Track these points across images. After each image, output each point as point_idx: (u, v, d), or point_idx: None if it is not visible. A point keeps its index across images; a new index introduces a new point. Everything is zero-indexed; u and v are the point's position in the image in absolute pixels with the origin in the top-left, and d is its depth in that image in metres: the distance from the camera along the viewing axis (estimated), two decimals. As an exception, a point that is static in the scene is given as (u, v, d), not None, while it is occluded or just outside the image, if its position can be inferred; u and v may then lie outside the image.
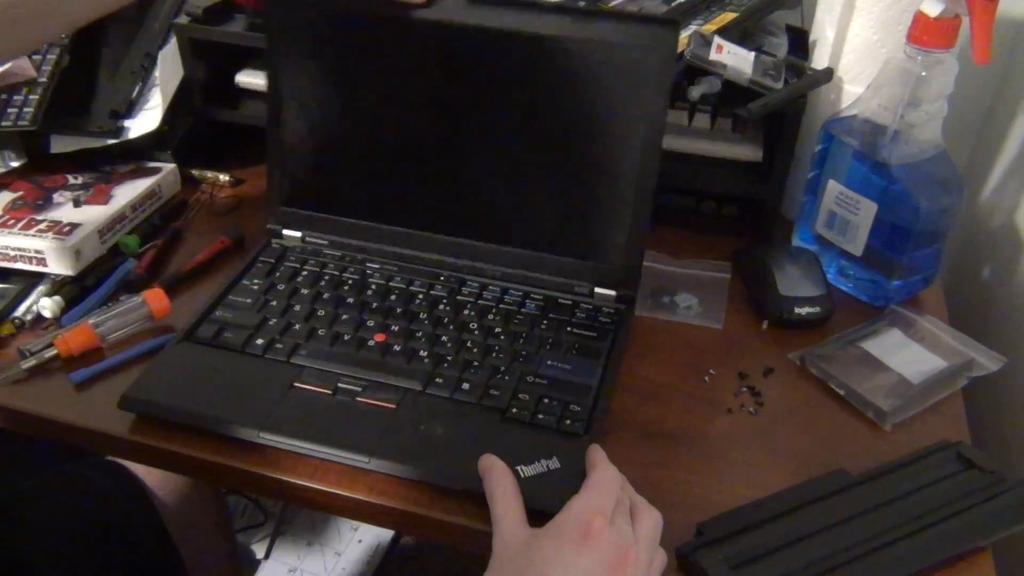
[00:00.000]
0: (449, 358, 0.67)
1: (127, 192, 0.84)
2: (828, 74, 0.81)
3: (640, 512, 0.53)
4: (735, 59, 0.76)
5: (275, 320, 0.71)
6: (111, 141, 0.87)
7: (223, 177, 0.93)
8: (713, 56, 0.75)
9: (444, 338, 0.69)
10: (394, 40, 0.75)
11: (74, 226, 0.78)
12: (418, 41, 0.74)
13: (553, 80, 0.72)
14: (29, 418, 0.65)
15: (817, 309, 0.75)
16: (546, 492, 0.57)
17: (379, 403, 0.63)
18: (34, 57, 0.86)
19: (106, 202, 0.83)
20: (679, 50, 0.72)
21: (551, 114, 0.73)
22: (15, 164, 0.86)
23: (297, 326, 0.70)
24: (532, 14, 0.71)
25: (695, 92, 0.77)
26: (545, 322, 0.71)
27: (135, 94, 0.89)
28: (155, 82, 0.90)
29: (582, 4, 0.81)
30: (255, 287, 0.74)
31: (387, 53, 0.75)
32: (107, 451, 0.67)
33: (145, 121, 0.88)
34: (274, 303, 0.72)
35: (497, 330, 0.70)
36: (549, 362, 0.67)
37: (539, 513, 0.57)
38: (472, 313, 0.72)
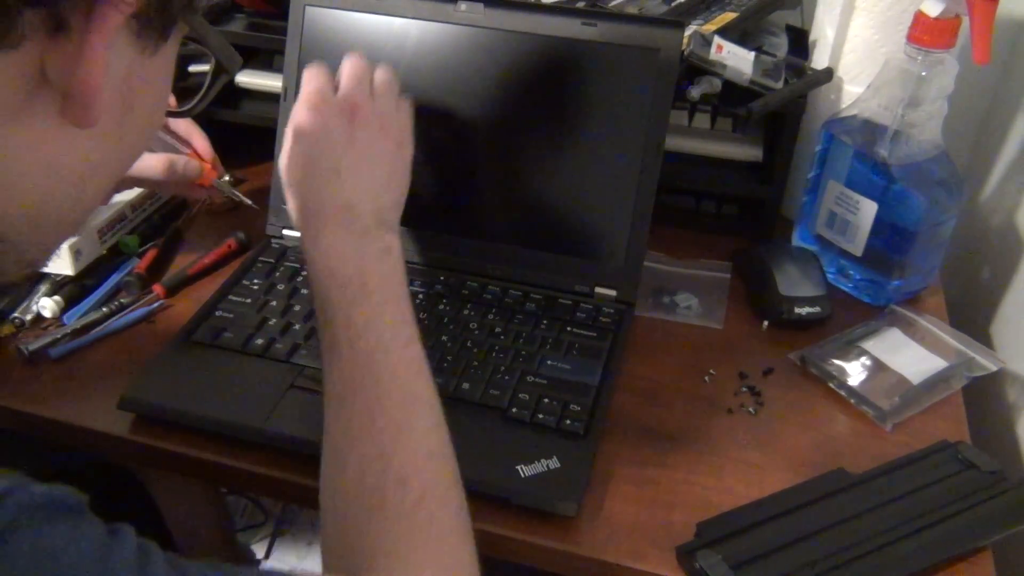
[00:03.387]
0: (449, 358, 0.67)
1: (127, 192, 0.84)
2: (828, 74, 0.81)
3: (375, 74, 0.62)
4: (735, 59, 0.76)
5: (275, 320, 0.71)
6: (111, 141, 0.87)
7: (224, 177, 0.93)
8: (713, 56, 0.75)
9: (444, 337, 0.69)
10: (402, 41, 0.75)
11: (74, 226, 0.78)
12: (426, 42, 0.74)
13: (557, 80, 0.73)
14: (29, 418, 0.65)
15: (817, 309, 0.75)
16: (546, 492, 0.57)
17: (379, 403, 0.63)
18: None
19: (106, 202, 0.82)
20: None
21: (554, 113, 0.73)
22: (15, 164, 0.86)
23: (297, 326, 0.70)
24: (541, 16, 0.72)
25: (695, 92, 0.77)
26: (545, 321, 0.71)
27: (135, 94, 0.89)
28: (155, 82, 0.90)
29: (582, 4, 0.82)
30: (255, 287, 0.74)
31: (394, 53, 0.75)
32: (107, 451, 0.67)
33: (145, 121, 0.88)
34: (274, 303, 0.72)
35: (497, 329, 0.70)
36: (549, 362, 0.67)
37: (539, 513, 0.57)
38: (472, 312, 0.72)
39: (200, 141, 0.78)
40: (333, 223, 0.56)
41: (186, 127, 0.77)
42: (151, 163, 0.74)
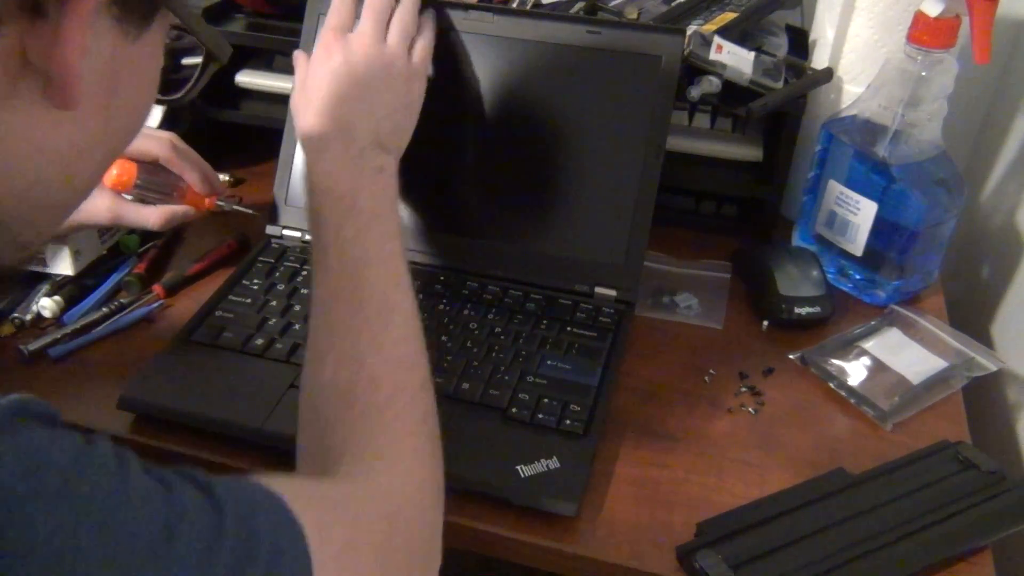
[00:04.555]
0: (449, 357, 0.67)
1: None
2: (828, 74, 0.81)
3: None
4: (735, 59, 0.76)
5: (275, 320, 0.71)
6: (111, 141, 0.87)
7: (223, 177, 0.93)
8: (713, 56, 0.75)
9: (444, 337, 0.69)
10: None
11: (74, 226, 0.78)
12: (436, 49, 0.75)
13: (561, 85, 0.73)
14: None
15: (817, 309, 0.75)
16: (546, 492, 0.57)
17: (379, 403, 0.63)
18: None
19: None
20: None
21: (557, 117, 0.73)
22: (15, 164, 0.86)
23: (297, 326, 0.70)
24: (547, 24, 0.73)
25: (695, 92, 0.77)
26: (545, 321, 0.71)
27: (135, 94, 0.89)
28: (155, 82, 0.89)
29: (582, 4, 0.82)
30: (255, 287, 0.74)
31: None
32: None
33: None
34: (274, 303, 0.72)
35: (497, 329, 0.70)
36: (549, 362, 0.67)
37: (539, 513, 0.57)
38: (472, 312, 0.72)
39: (191, 175, 0.76)
40: (333, 145, 0.60)
41: (178, 163, 0.75)
42: (151, 218, 0.75)
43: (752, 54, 0.77)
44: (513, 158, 0.75)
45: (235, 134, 0.95)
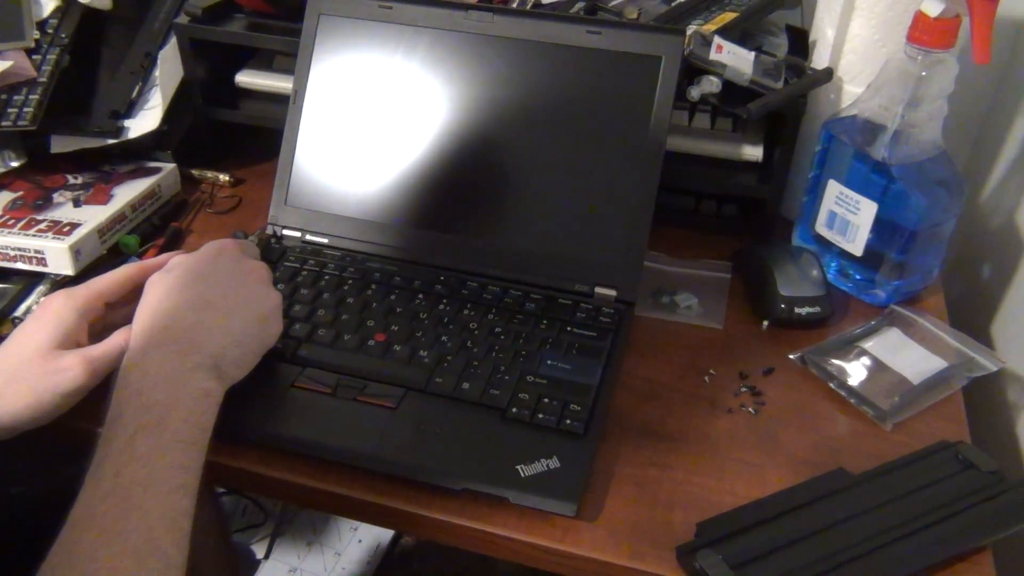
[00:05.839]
0: (449, 358, 0.67)
1: (127, 192, 0.84)
2: (828, 74, 0.81)
3: None
4: (735, 59, 0.76)
5: (275, 320, 0.70)
6: (111, 141, 0.87)
7: (223, 177, 0.93)
8: (713, 56, 0.75)
9: (444, 337, 0.69)
10: (413, 48, 0.76)
11: (74, 226, 0.78)
12: (436, 50, 0.75)
13: (561, 85, 0.73)
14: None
15: (817, 309, 0.75)
16: (546, 492, 0.57)
17: (379, 403, 0.63)
18: (34, 57, 0.86)
19: (106, 202, 0.83)
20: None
21: (558, 117, 0.73)
22: (15, 164, 0.86)
23: (297, 326, 0.70)
24: (547, 25, 0.73)
25: (695, 92, 0.77)
26: (545, 321, 0.71)
27: (135, 94, 0.89)
28: (155, 82, 0.90)
29: (582, 4, 0.82)
30: (255, 287, 0.74)
31: (403, 58, 0.76)
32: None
33: (145, 121, 0.88)
34: (274, 303, 0.72)
35: (497, 329, 0.70)
36: (549, 362, 0.67)
37: (539, 513, 0.57)
38: (472, 312, 0.72)
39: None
40: (171, 345, 0.55)
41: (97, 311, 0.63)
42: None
43: (752, 54, 0.78)
44: (513, 158, 0.75)
45: (235, 134, 0.95)
